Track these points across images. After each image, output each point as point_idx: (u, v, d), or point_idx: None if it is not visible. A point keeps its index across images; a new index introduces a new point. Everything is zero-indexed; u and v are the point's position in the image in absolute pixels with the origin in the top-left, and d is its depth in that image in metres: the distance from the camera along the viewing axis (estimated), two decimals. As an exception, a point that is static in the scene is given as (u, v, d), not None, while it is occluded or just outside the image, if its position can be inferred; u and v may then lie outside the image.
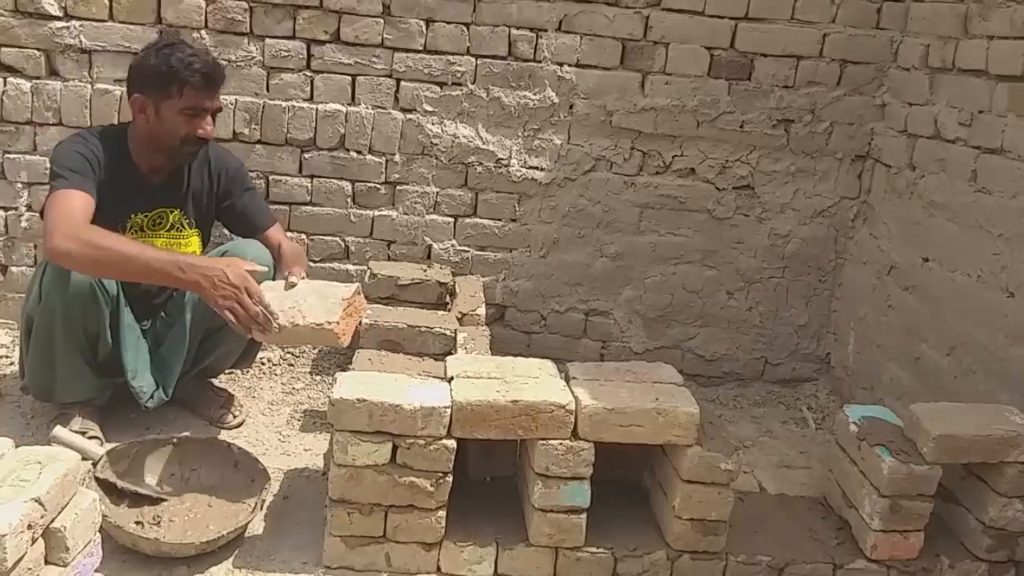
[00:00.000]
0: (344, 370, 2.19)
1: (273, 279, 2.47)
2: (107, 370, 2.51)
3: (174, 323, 2.61)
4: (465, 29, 3.04)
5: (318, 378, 3.11)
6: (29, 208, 3.07)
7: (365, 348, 2.44)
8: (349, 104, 3.08)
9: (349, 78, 3.06)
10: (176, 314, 2.61)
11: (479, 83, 3.08)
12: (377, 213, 3.18)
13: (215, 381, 2.84)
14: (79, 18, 2.93)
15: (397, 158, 3.13)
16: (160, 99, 2.42)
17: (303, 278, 2.38)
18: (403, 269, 2.96)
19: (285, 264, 2.54)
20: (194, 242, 2.66)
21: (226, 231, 2.85)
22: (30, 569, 1.64)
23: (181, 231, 2.63)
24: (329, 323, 2.21)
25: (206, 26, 2.97)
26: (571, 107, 3.13)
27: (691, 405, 2.06)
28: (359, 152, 3.12)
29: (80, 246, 2.20)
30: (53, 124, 3.00)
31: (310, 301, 2.26)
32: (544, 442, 2.02)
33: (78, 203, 2.29)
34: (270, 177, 3.12)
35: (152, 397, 2.56)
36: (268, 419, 2.81)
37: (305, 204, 3.15)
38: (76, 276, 2.31)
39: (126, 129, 2.54)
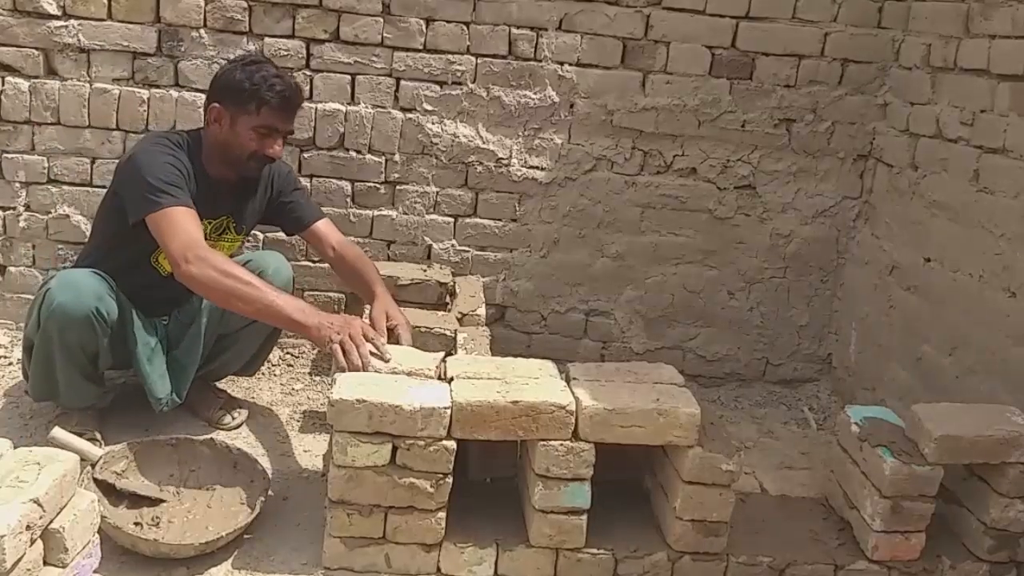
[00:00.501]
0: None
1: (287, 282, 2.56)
2: (108, 375, 2.52)
3: (189, 325, 2.60)
4: (465, 28, 3.03)
5: (317, 379, 3.11)
6: (27, 208, 3.06)
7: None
8: (348, 103, 3.07)
9: (348, 77, 3.05)
10: (191, 317, 2.60)
11: (479, 82, 3.08)
12: (377, 213, 3.17)
13: (215, 383, 2.84)
14: (78, 17, 2.93)
15: (397, 158, 3.13)
16: (237, 113, 2.43)
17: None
18: (403, 269, 2.95)
19: (358, 275, 2.64)
20: (235, 245, 2.68)
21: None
22: (29, 570, 1.64)
23: (231, 235, 2.64)
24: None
25: (205, 25, 2.97)
26: (572, 106, 3.12)
27: (692, 406, 2.05)
28: (359, 152, 3.11)
29: (217, 275, 2.22)
30: (51, 124, 3.00)
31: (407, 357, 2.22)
32: (544, 443, 2.01)
33: (194, 224, 2.32)
34: (270, 177, 3.11)
35: (167, 403, 2.56)
36: (267, 420, 2.81)
37: (305, 204, 3.14)
38: (74, 306, 2.29)
39: (199, 136, 2.53)
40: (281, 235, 3.13)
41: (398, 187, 3.16)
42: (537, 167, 3.16)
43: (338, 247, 2.69)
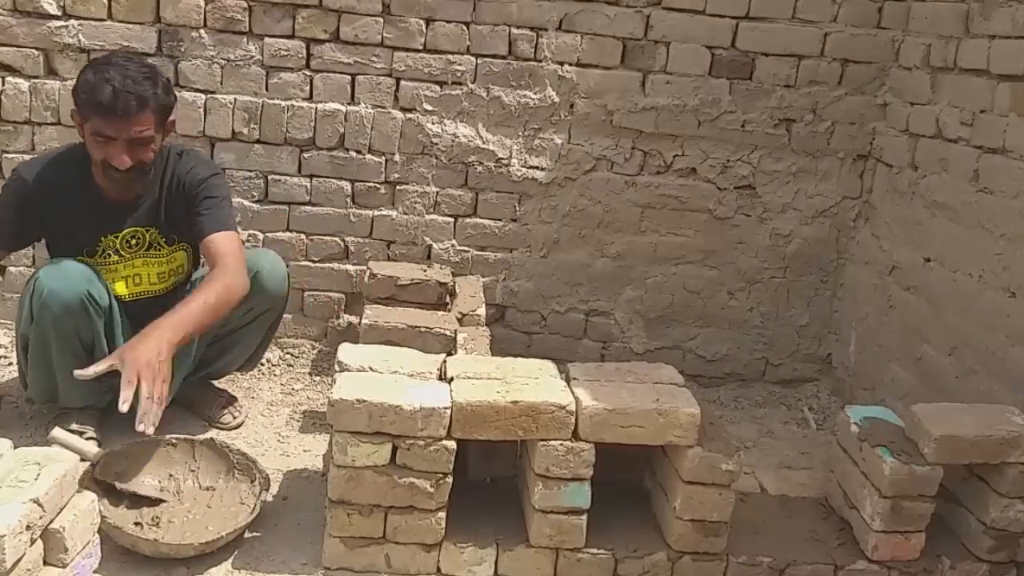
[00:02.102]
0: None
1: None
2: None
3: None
4: (465, 28, 3.03)
5: (317, 379, 3.11)
6: (28, 208, 3.06)
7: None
8: (348, 103, 3.07)
9: (348, 77, 3.05)
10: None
11: (479, 82, 3.08)
12: (377, 213, 3.17)
13: (215, 382, 2.84)
14: (78, 17, 2.93)
15: (397, 158, 3.12)
16: (81, 119, 2.33)
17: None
18: (403, 269, 2.95)
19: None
20: (179, 257, 2.61)
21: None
22: (29, 570, 1.64)
23: (160, 250, 2.57)
24: None
25: (205, 25, 2.97)
26: (572, 106, 3.12)
27: (692, 406, 2.05)
28: (359, 152, 3.11)
29: None
30: (51, 123, 3.00)
31: None
32: (544, 443, 2.01)
33: None
34: (269, 177, 3.11)
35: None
36: (267, 420, 2.81)
37: (304, 204, 3.14)
38: (66, 292, 2.30)
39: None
40: (281, 234, 3.14)
41: (398, 187, 3.16)
42: (537, 167, 3.16)
43: (209, 259, 2.45)
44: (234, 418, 2.72)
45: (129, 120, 2.29)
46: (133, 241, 2.53)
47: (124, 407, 2.06)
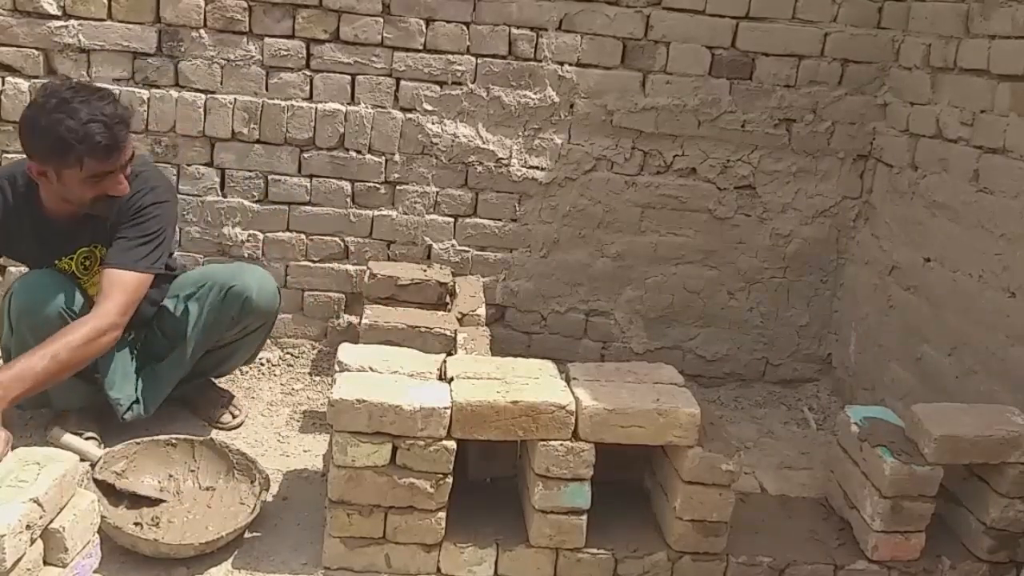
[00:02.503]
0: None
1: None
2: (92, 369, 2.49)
3: (174, 346, 2.57)
4: (465, 28, 3.03)
5: (317, 379, 3.11)
6: (28, 208, 3.06)
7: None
8: (348, 103, 3.07)
9: (348, 77, 3.05)
10: (176, 337, 2.55)
11: (479, 82, 3.08)
12: (377, 213, 3.17)
13: (217, 380, 2.84)
14: (78, 17, 2.92)
15: (397, 158, 3.12)
16: (59, 168, 2.19)
17: None
18: (403, 269, 2.95)
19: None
20: None
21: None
22: (29, 570, 1.64)
23: None
24: None
25: (205, 25, 2.97)
26: (572, 106, 3.12)
27: (692, 406, 2.05)
28: (358, 152, 3.11)
29: None
30: (52, 123, 2.99)
31: None
32: (544, 443, 2.01)
33: None
34: (269, 177, 3.11)
35: (130, 410, 2.52)
36: (267, 420, 2.81)
37: (304, 204, 3.14)
38: (43, 304, 2.28)
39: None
40: (281, 234, 3.14)
41: (398, 187, 3.16)
42: (537, 167, 3.16)
43: (96, 302, 2.29)
44: (233, 417, 2.72)
45: (122, 149, 2.23)
46: (87, 261, 2.46)
47: None
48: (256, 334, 2.67)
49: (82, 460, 2.33)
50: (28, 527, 1.61)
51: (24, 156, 2.30)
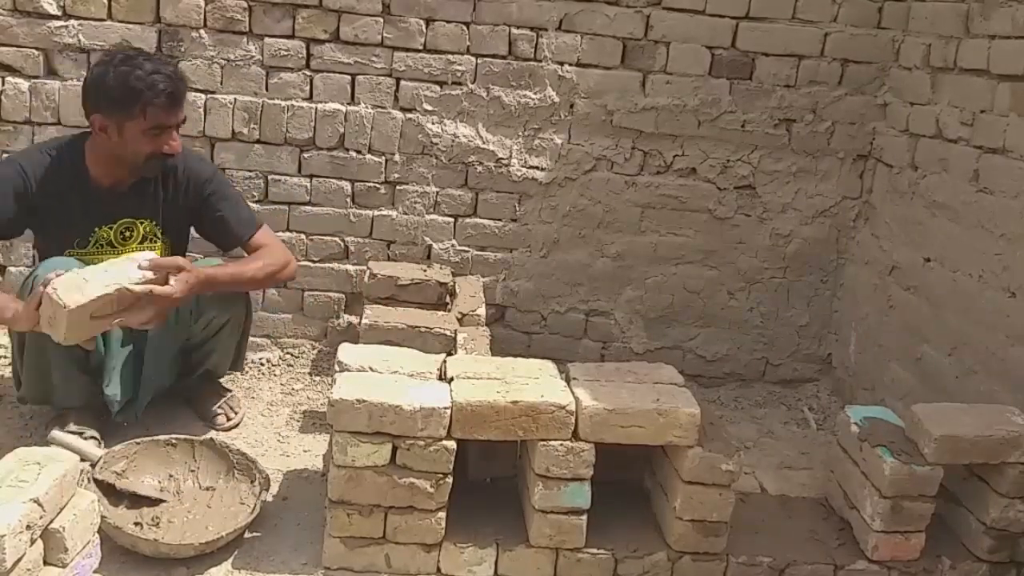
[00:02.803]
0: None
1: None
2: (101, 374, 2.51)
3: (162, 342, 2.56)
4: (465, 28, 3.03)
5: (317, 379, 3.11)
6: (28, 208, 3.06)
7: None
8: (348, 103, 3.07)
9: (348, 77, 3.05)
10: (158, 335, 2.54)
11: (479, 82, 3.08)
12: (377, 213, 3.17)
13: (221, 380, 2.84)
14: (78, 17, 2.92)
15: (397, 158, 3.12)
16: (122, 120, 2.34)
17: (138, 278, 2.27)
18: (403, 269, 2.95)
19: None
20: (169, 250, 2.59)
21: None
22: (29, 570, 1.64)
23: (155, 243, 2.57)
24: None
25: (205, 25, 2.97)
26: (572, 106, 3.12)
27: (692, 406, 2.05)
28: (359, 152, 3.11)
29: None
30: (51, 123, 2.99)
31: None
32: (544, 443, 2.01)
33: None
34: (269, 177, 3.11)
35: (122, 410, 2.52)
36: (267, 420, 2.81)
37: (304, 204, 3.14)
38: None
39: (83, 142, 2.48)
40: (281, 234, 3.13)
41: (398, 187, 3.16)
42: (537, 167, 3.16)
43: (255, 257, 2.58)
44: (228, 419, 2.70)
45: (181, 105, 2.41)
46: (127, 233, 2.54)
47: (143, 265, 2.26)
48: (225, 332, 2.61)
49: (82, 460, 2.33)
50: (28, 527, 1.62)
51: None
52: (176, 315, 2.49)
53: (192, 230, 2.70)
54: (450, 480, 2.02)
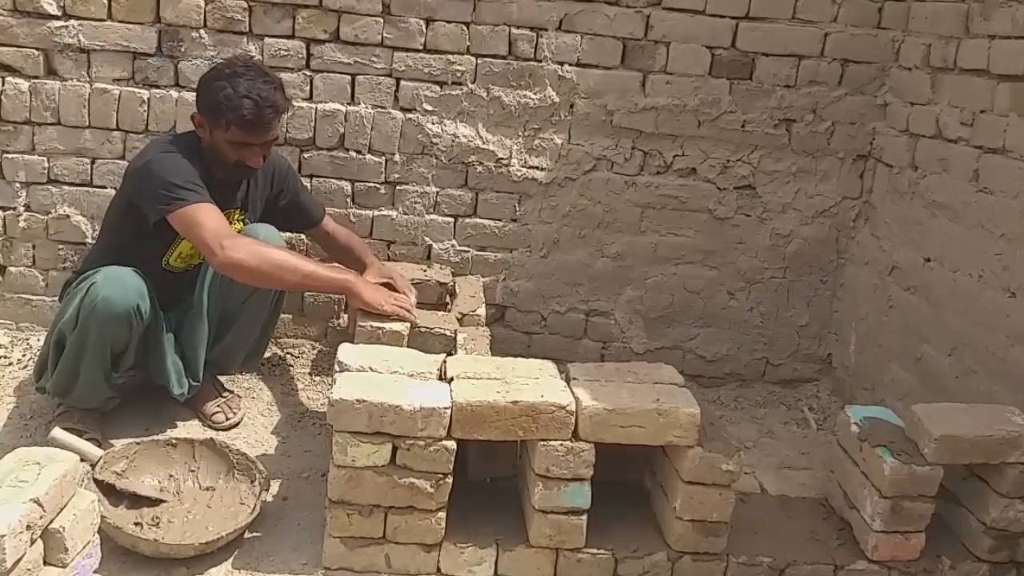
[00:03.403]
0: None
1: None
2: (120, 382, 2.56)
3: (189, 311, 2.63)
4: (465, 28, 3.03)
5: (317, 379, 3.11)
6: (28, 208, 3.06)
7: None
8: (348, 103, 3.07)
9: (348, 77, 3.05)
10: (190, 303, 2.63)
11: (479, 82, 3.07)
12: (377, 213, 3.17)
13: (222, 378, 2.84)
14: (78, 17, 2.92)
15: (397, 158, 3.12)
16: (212, 125, 2.50)
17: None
18: (403, 269, 2.95)
19: (348, 251, 2.87)
20: None
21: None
22: (29, 570, 1.64)
23: (234, 226, 2.64)
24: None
25: (205, 25, 2.96)
26: (572, 106, 3.12)
27: (692, 406, 2.05)
28: (359, 152, 3.11)
29: (256, 255, 2.40)
30: (51, 124, 2.99)
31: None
32: (544, 443, 2.01)
33: (219, 217, 2.43)
34: (270, 177, 3.11)
35: (188, 391, 2.63)
36: (267, 420, 2.81)
37: (305, 204, 3.14)
38: (117, 304, 2.35)
39: (197, 137, 2.59)
40: (281, 234, 3.13)
41: (398, 187, 3.16)
42: (537, 167, 3.16)
43: (332, 232, 2.90)
44: (227, 418, 2.71)
45: (267, 129, 2.53)
46: (228, 219, 2.60)
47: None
48: (260, 298, 2.65)
49: (82, 460, 2.34)
50: (28, 527, 1.62)
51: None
52: (215, 281, 2.60)
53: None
54: (450, 480, 2.02)
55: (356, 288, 2.53)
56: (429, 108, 3.08)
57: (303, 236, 3.08)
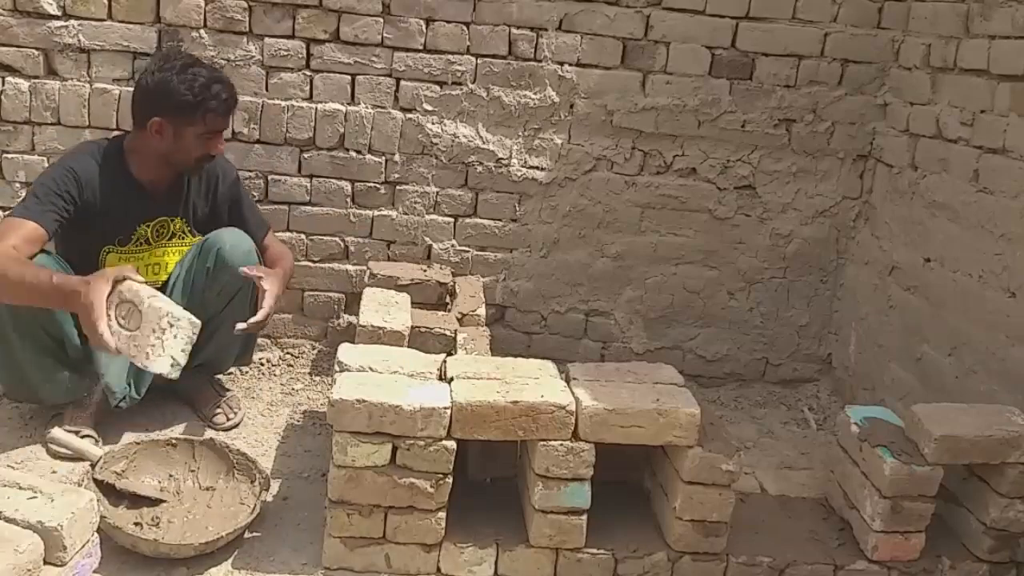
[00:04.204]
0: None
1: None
2: (86, 366, 2.49)
3: None
4: (465, 28, 3.03)
5: (317, 379, 3.11)
6: (28, 208, 3.06)
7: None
8: (348, 104, 3.07)
9: (348, 77, 3.05)
10: None
11: (479, 82, 3.08)
12: (377, 213, 3.17)
13: (221, 377, 2.83)
14: (78, 17, 2.92)
15: (397, 158, 3.12)
16: (182, 124, 2.47)
17: (243, 327, 2.46)
18: (403, 269, 2.95)
19: (266, 266, 2.66)
20: (188, 246, 2.68)
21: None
22: (29, 570, 1.64)
23: (184, 239, 2.67)
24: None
25: (205, 25, 2.97)
26: (572, 107, 3.12)
27: (692, 406, 2.05)
28: (359, 152, 3.11)
29: None
30: (51, 124, 2.99)
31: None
32: (544, 443, 2.01)
33: (19, 235, 2.26)
34: (269, 177, 3.11)
35: (124, 399, 2.54)
36: (267, 420, 2.81)
37: (304, 204, 3.14)
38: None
39: (122, 142, 2.57)
40: (281, 234, 3.13)
41: (398, 187, 3.16)
42: (537, 167, 3.16)
43: (268, 255, 2.75)
44: (228, 419, 2.70)
45: (232, 111, 2.55)
46: (161, 230, 2.63)
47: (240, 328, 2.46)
48: (239, 300, 2.58)
49: (82, 460, 2.34)
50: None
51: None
52: (191, 287, 2.58)
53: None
54: (450, 480, 2.02)
55: (77, 307, 2.17)
56: (429, 108, 3.08)
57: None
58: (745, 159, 3.19)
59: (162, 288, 2.57)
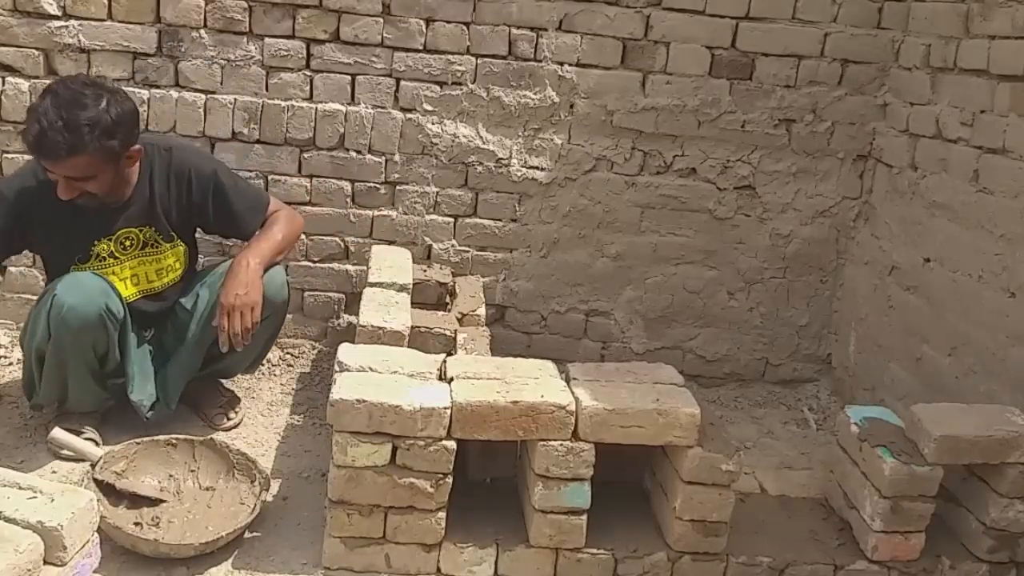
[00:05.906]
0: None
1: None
2: (111, 379, 2.53)
3: (182, 337, 2.60)
4: (465, 28, 3.03)
5: (317, 379, 3.11)
6: (28, 208, 3.06)
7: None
8: (349, 104, 3.07)
9: (349, 77, 3.05)
10: (182, 328, 2.60)
11: (479, 83, 3.08)
12: (377, 213, 3.17)
13: (223, 380, 2.83)
14: (78, 17, 2.92)
15: (397, 158, 3.12)
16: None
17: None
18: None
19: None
20: (177, 253, 2.61)
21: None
22: (29, 570, 1.64)
23: (158, 247, 2.57)
24: None
25: (205, 25, 2.97)
26: (572, 107, 3.12)
27: (692, 406, 2.05)
28: (359, 152, 3.11)
29: None
30: (52, 124, 2.99)
31: None
32: (544, 443, 2.01)
33: None
34: (269, 177, 3.11)
35: (152, 409, 2.56)
36: (267, 420, 2.81)
37: (304, 204, 3.13)
38: (85, 308, 2.30)
39: None
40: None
41: (398, 187, 3.16)
42: (537, 167, 3.16)
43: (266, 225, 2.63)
44: (230, 419, 2.70)
45: (58, 163, 2.25)
46: (127, 242, 2.53)
47: (223, 348, 2.43)
48: (264, 326, 2.57)
49: (82, 460, 2.34)
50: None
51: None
52: (206, 303, 2.55)
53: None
54: (450, 480, 2.02)
55: None
56: (429, 108, 3.08)
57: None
58: (745, 159, 3.19)
59: (163, 293, 2.59)
